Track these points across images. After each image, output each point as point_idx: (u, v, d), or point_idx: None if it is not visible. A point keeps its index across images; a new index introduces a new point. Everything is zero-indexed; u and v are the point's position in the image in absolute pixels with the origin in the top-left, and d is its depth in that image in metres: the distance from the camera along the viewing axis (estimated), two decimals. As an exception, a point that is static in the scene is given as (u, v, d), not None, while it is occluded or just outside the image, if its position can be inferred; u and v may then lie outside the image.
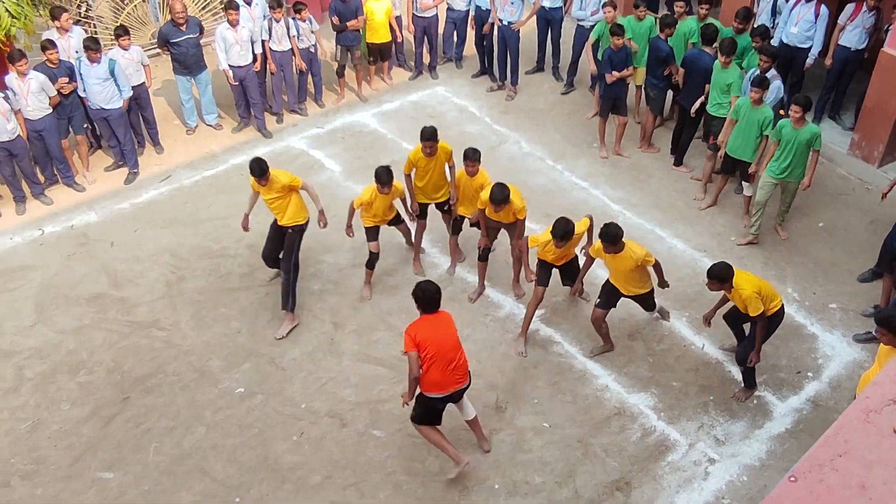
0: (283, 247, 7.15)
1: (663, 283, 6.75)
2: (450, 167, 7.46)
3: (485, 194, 6.86)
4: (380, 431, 6.36)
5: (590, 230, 6.91)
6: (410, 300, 7.44)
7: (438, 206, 7.67)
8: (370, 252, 7.40)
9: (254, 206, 7.19)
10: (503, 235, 7.40)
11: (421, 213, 7.65)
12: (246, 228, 7.31)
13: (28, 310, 7.40)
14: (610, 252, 6.35)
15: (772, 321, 6.23)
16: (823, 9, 9.12)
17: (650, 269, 6.62)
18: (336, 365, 6.92)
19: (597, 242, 6.51)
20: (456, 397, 5.77)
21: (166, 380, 6.77)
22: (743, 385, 6.67)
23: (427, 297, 5.49)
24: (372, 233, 7.34)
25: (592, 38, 9.70)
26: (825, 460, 2.50)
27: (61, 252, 8.08)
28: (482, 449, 6.17)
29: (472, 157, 7.05)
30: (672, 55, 8.94)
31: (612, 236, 6.22)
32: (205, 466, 6.09)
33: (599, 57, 9.66)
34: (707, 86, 8.53)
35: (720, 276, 5.97)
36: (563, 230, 6.35)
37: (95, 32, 10.20)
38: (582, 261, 7.01)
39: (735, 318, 6.63)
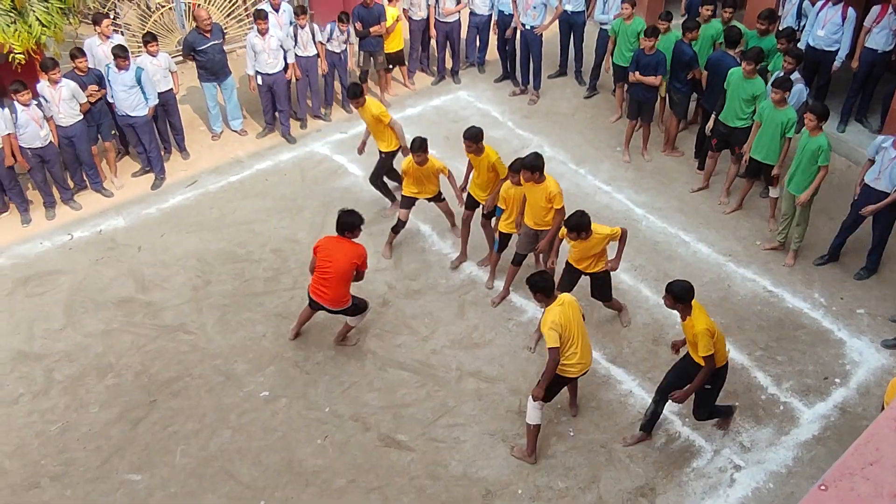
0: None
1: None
2: (502, 179, 7.31)
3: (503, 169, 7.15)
4: (403, 435, 6.39)
5: (621, 240, 6.69)
6: (433, 305, 7.57)
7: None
8: (398, 219, 7.87)
9: (368, 135, 8.41)
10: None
11: (469, 204, 7.74)
12: (360, 152, 8.61)
13: (57, 313, 7.52)
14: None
15: (716, 375, 5.71)
16: (851, 11, 9.03)
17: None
18: (359, 369, 6.95)
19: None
20: (316, 306, 6.77)
21: (192, 383, 6.84)
22: (718, 419, 6.32)
23: (338, 220, 6.56)
24: (406, 201, 7.82)
25: (611, 33, 9.72)
26: (856, 468, 2.48)
27: (90, 256, 8.19)
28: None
29: (517, 168, 6.90)
30: (696, 59, 8.90)
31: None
32: (230, 469, 6.15)
33: (616, 59, 9.72)
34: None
35: (677, 293, 5.50)
36: (573, 222, 6.35)
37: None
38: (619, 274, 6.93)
39: (680, 376, 5.91)
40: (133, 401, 6.69)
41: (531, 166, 6.73)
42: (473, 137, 7.18)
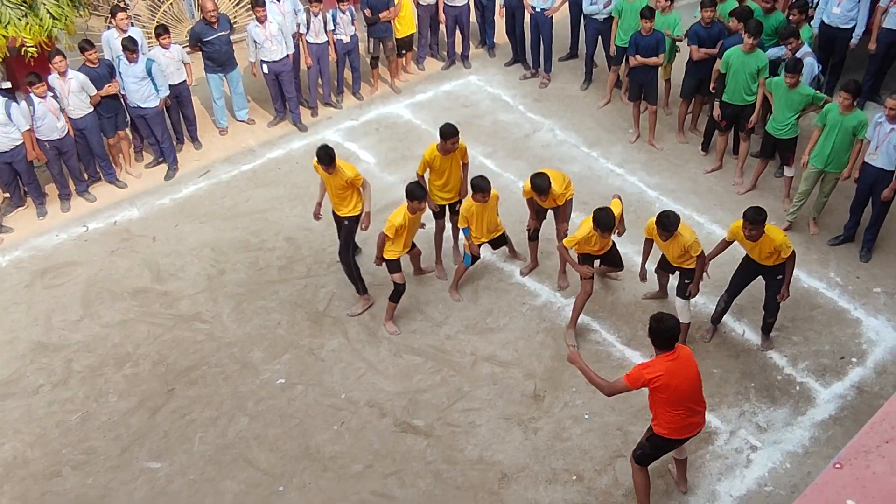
0: (340, 224, 7.28)
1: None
2: (464, 164, 7.38)
3: (527, 184, 6.96)
4: (419, 421, 6.42)
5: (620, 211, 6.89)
6: (447, 291, 7.56)
7: (451, 206, 7.53)
8: (395, 284, 6.98)
9: (324, 195, 7.26)
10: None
11: (439, 213, 7.58)
12: (318, 217, 7.40)
13: (75, 304, 7.59)
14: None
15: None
16: None
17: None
18: (374, 355, 6.99)
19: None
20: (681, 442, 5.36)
21: (209, 371, 6.90)
22: (765, 332, 6.89)
23: (656, 331, 4.90)
24: (395, 265, 6.92)
25: (614, 13, 9.57)
26: (871, 447, 2.47)
27: (105, 248, 8.26)
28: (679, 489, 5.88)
29: (485, 188, 6.76)
30: (693, 36, 8.77)
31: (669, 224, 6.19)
32: (248, 456, 6.21)
33: (618, 41, 9.61)
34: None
35: (759, 218, 6.02)
36: (608, 221, 6.26)
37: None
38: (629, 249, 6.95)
39: (747, 276, 6.64)
40: (151, 390, 6.76)
41: (542, 189, 6.81)
42: (457, 132, 7.04)
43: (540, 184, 6.79)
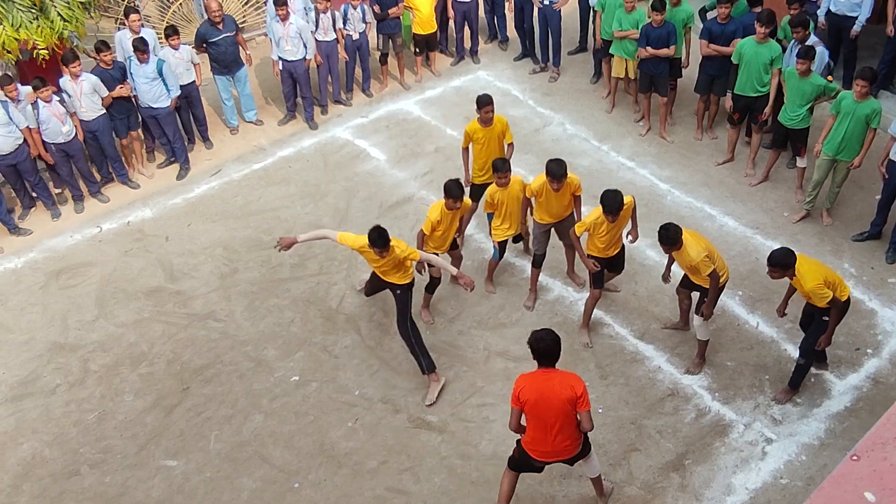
0: (383, 286, 6.58)
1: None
2: (508, 145, 7.45)
3: (535, 182, 6.74)
4: (433, 416, 6.43)
5: (633, 210, 6.66)
6: (458, 287, 7.55)
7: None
8: (431, 277, 6.97)
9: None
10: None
11: (474, 194, 7.57)
12: (369, 292, 7.15)
13: (90, 304, 7.65)
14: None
15: (842, 310, 5.91)
16: None
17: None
18: (387, 352, 7.00)
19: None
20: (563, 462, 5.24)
21: (224, 369, 6.94)
22: (788, 384, 6.34)
23: (541, 347, 4.79)
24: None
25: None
26: (888, 438, 2.46)
27: (119, 248, 8.31)
28: None
29: (501, 168, 6.74)
30: (704, 31, 8.69)
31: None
32: (264, 453, 6.24)
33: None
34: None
35: (781, 262, 5.63)
36: (615, 202, 6.08)
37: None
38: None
39: (810, 316, 6.13)
40: (166, 388, 6.80)
41: (558, 175, 6.45)
42: (491, 101, 7.11)
43: (555, 169, 6.41)
